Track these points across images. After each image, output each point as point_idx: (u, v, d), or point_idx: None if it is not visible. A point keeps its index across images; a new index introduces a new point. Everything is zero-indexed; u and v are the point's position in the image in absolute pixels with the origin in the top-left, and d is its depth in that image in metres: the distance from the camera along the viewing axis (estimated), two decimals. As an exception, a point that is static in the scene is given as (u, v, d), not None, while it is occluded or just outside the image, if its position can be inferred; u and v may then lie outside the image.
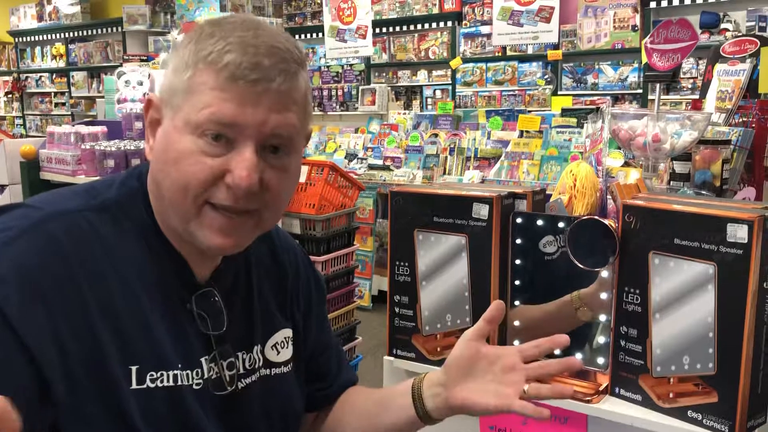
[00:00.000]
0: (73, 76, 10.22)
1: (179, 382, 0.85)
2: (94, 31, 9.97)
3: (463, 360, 0.93)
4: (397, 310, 1.51)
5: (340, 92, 7.36)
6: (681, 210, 1.18)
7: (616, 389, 1.30)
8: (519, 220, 1.38)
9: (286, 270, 1.05)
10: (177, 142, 0.80)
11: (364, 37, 6.64)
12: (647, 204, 1.25)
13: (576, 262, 1.29)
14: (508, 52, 7.06)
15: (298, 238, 3.15)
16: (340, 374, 1.13)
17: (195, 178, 0.80)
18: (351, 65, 7.48)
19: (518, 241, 1.38)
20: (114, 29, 9.52)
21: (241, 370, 0.94)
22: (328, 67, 7.59)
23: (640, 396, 1.26)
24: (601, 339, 1.31)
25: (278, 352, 1.00)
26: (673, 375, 1.20)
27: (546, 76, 6.80)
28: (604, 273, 1.29)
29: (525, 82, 6.93)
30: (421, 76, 7.76)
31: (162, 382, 0.83)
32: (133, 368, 0.81)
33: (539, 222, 1.36)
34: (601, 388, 1.32)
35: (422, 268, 1.46)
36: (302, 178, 3.22)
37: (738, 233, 1.09)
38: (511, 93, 7.00)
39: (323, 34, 6.93)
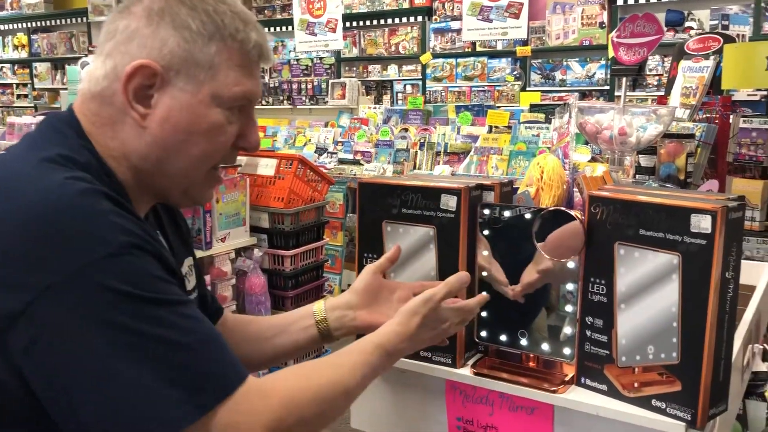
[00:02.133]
0: (36, 67, 9.98)
1: None
2: (58, 22, 9.75)
3: (371, 287, 1.14)
4: (365, 302, 1.50)
5: (309, 86, 7.32)
6: (646, 201, 1.19)
7: (582, 379, 1.31)
8: (486, 211, 1.38)
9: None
10: (206, 114, 0.84)
11: (334, 30, 6.60)
12: (613, 195, 1.26)
13: (543, 254, 1.29)
14: (478, 48, 7.09)
15: (267, 232, 3.12)
16: (214, 301, 1.16)
17: (223, 147, 0.88)
18: (321, 59, 7.43)
19: (485, 232, 1.38)
20: (78, 20, 9.32)
21: None
22: (297, 60, 7.54)
23: (606, 386, 1.27)
24: (567, 330, 1.32)
25: (188, 281, 1.03)
26: (638, 365, 1.21)
27: (515, 72, 6.85)
28: (570, 264, 1.30)
29: (494, 77, 6.97)
30: (392, 71, 7.75)
31: None
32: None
33: (506, 213, 1.36)
34: (567, 379, 1.33)
35: (390, 260, 1.45)
36: (271, 172, 3.19)
37: (702, 223, 1.10)
38: (481, 89, 7.04)
39: (293, 28, 6.87)
